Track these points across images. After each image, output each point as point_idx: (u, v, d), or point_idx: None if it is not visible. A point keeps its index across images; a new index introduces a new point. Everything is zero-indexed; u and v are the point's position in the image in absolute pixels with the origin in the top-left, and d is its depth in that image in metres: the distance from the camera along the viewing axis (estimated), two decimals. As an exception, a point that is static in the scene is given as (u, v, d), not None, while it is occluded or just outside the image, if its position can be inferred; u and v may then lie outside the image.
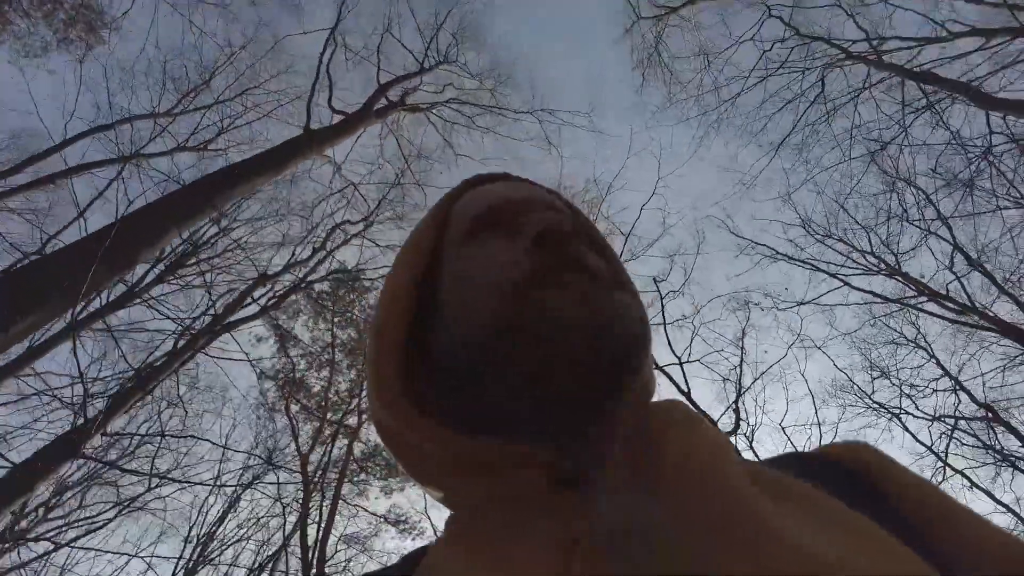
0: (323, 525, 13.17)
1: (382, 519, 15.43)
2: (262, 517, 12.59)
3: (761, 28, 10.79)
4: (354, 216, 12.69)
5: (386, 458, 16.59)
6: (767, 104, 11.44)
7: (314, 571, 12.28)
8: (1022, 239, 9.09)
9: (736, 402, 10.08)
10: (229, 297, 10.96)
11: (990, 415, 8.65)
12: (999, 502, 8.60)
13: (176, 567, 11.13)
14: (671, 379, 9.68)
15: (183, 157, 11.43)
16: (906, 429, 10.15)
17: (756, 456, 8.94)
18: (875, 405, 10.86)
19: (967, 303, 8.86)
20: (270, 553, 12.66)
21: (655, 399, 0.51)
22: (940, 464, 8.95)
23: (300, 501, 12.86)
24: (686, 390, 9.44)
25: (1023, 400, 9.49)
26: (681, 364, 9.98)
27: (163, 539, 12.56)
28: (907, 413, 10.30)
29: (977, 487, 8.89)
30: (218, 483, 11.39)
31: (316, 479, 13.54)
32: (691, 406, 0.48)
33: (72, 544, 9.13)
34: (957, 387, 9.50)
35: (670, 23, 12.04)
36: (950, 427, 9.20)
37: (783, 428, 10.63)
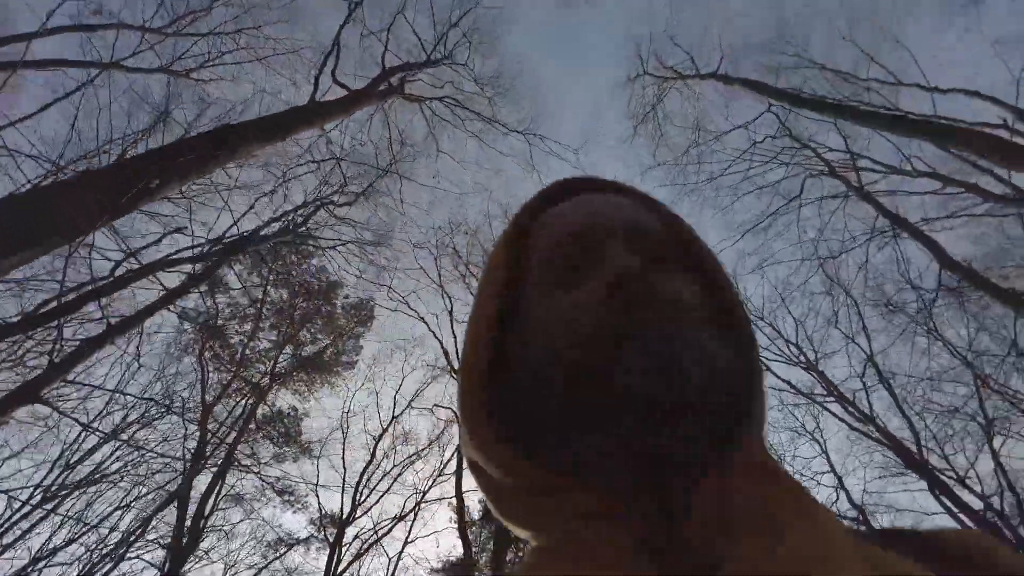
0: (212, 481, 12.85)
1: (270, 486, 15.12)
2: (147, 461, 12.02)
3: (757, 119, 11.48)
4: (326, 190, 12.47)
5: (287, 425, 16.34)
6: (741, 185, 12.17)
7: (188, 524, 11.97)
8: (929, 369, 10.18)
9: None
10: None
11: (860, 517, 9.61)
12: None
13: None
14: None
15: (160, 79, 10.92)
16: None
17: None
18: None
19: (867, 413, 9.85)
20: (155, 501, 12.12)
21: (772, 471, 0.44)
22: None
23: (193, 452, 12.48)
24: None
25: (889, 509, 10.53)
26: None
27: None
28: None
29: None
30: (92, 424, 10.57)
31: (214, 433, 13.20)
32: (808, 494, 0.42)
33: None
34: (839, 485, 10.42)
35: (673, 87, 12.60)
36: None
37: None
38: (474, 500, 14.44)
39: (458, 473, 12.55)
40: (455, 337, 14.19)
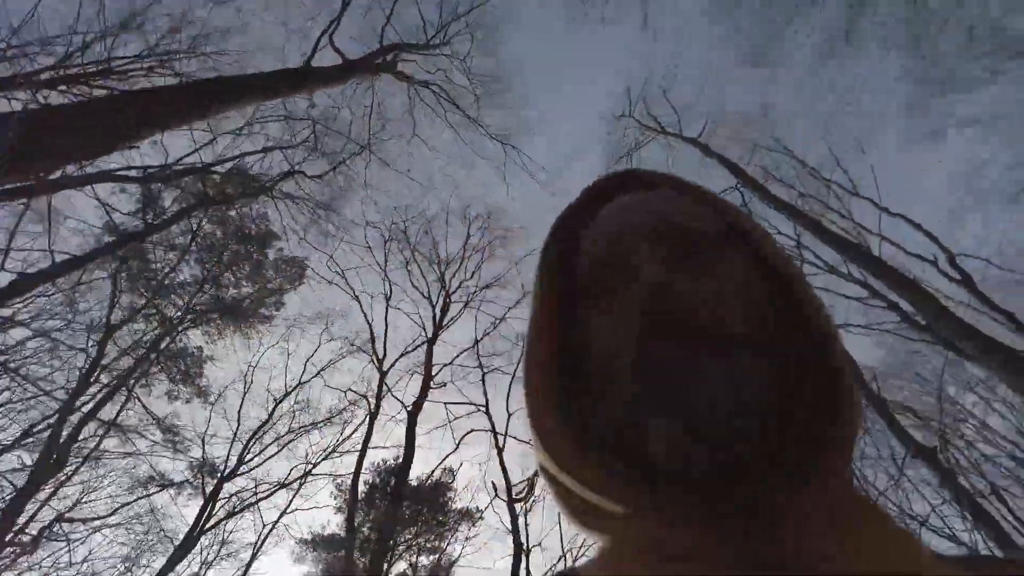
0: (97, 403, 12.25)
1: (157, 421, 14.51)
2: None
3: (724, 191, 11.94)
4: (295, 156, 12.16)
5: (188, 364, 15.73)
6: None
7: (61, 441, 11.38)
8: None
9: None
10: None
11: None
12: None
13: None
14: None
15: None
16: None
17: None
18: None
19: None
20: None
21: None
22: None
23: (84, 370, 11.87)
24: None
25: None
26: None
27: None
28: None
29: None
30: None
31: (113, 355, 12.63)
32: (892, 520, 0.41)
33: None
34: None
35: (654, 138, 13.01)
36: None
37: None
38: (363, 483, 14.36)
39: (361, 457, 12.39)
40: (387, 324, 14.06)
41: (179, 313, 14.71)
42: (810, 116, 14.06)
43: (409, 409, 11.57)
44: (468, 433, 13.54)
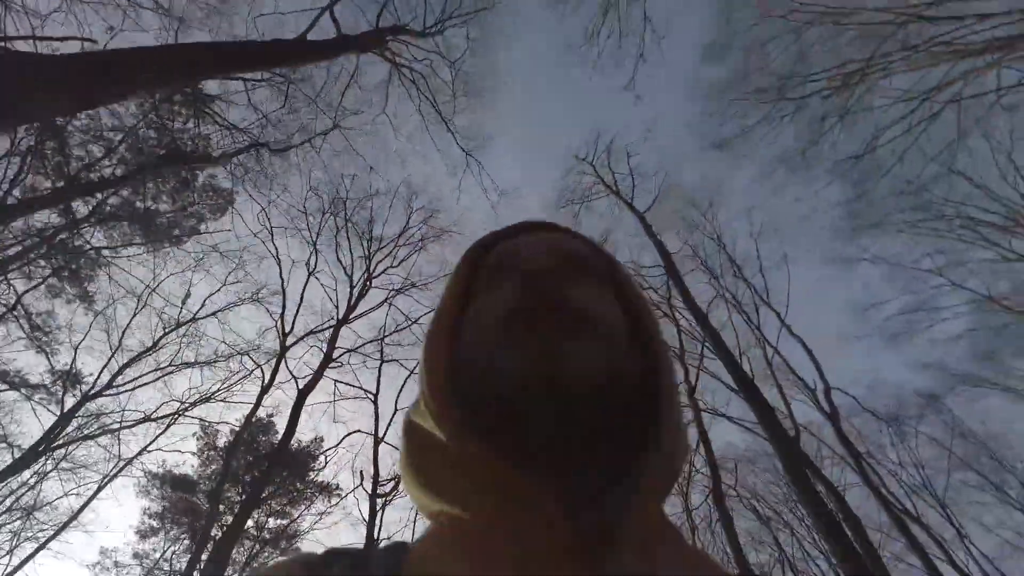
0: None
1: (26, 312, 13.55)
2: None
3: (651, 267, 12.58)
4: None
5: (82, 267, 14.76)
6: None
7: None
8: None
9: None
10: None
11: None
12: None
13: None
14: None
15: None
16: None
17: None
18: None
19: None
20: None
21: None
22: None
23: None
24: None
25: None
26: None
27: None
28: None
29: None
30: None
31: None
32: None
33: None
34: None
35: (598, 195, 13.54)
36: None
37: None
38: (230, 433, 14.01)
39: (248, 419, 12.08)
40: (302, 299, 13.74)
41: (87, 207, 13.74)
42: (752, 213, 14.94)
43: (301, 388, 11.42)
44: (353, 433, 13.53)
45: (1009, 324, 14.77)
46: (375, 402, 13.33)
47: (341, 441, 14.49)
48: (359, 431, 13.43)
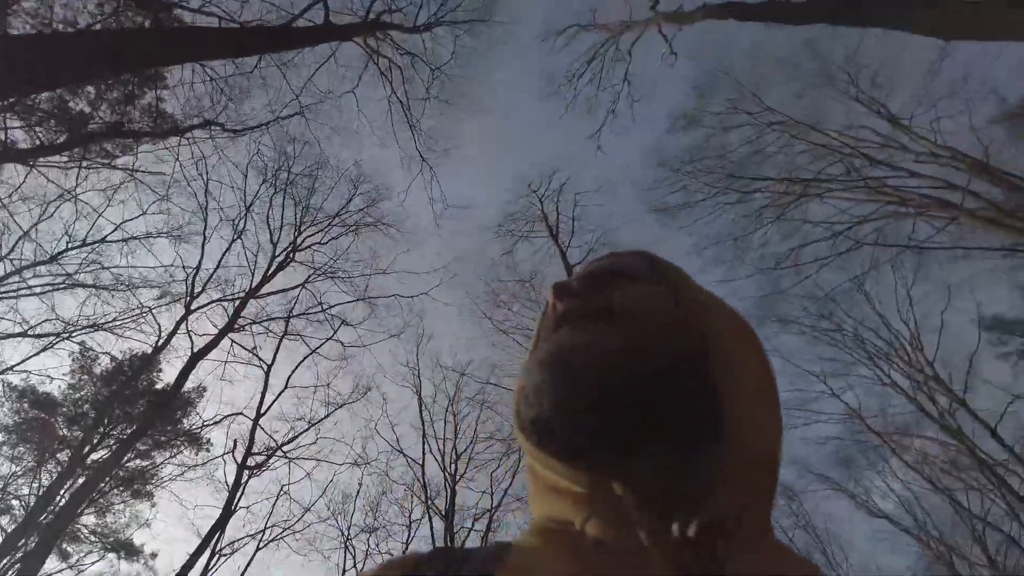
0: None
1: None
2: None
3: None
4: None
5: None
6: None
7: None
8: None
9: None
10: None
11: None
12: None
13: None
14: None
15: None
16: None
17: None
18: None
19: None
20: None
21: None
22: None
23: None
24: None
25: None
26: None
27: None
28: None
29: None
30: None
31: None
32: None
33: None
34: None
35: (539, 233, 13.84)
36: None
37: None
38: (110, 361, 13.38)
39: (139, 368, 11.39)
40: (219, 263, 13.20)
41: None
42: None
43: (195, 352, 11.07)
44: (237, 415, 13.19)
45: (868, 441, 16.20)
46: (267, 374, 13.14)
47: (223, 420, 13.92)
48: (242, 413, 13.05)
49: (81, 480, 13.66)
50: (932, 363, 14.86)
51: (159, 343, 12.01)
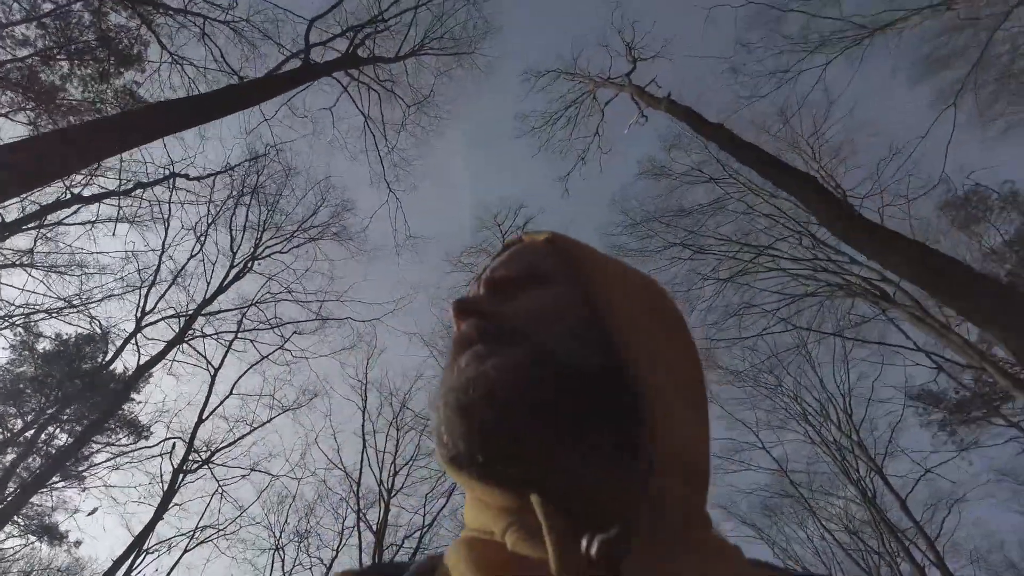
0: None
1: None
2: None
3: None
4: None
5: None
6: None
7: None
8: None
9: None
10: None
11: None
12: None
13: None
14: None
15: None
16: None
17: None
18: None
19: None
20: None
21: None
22: None
23: None
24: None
25: None
26: None
27: None
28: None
29: None
30: None
31: None
32: None
33: None
34: None
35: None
36: None
37: None
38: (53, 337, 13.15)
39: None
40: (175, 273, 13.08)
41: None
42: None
43: (141, 364, 11.04)
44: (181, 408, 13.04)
45: (789, 495, 16.93)
46: (213, 378, 13.11)
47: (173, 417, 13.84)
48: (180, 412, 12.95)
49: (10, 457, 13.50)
50: (858, 429, 15.62)
51: (105, 360, 11.91)
